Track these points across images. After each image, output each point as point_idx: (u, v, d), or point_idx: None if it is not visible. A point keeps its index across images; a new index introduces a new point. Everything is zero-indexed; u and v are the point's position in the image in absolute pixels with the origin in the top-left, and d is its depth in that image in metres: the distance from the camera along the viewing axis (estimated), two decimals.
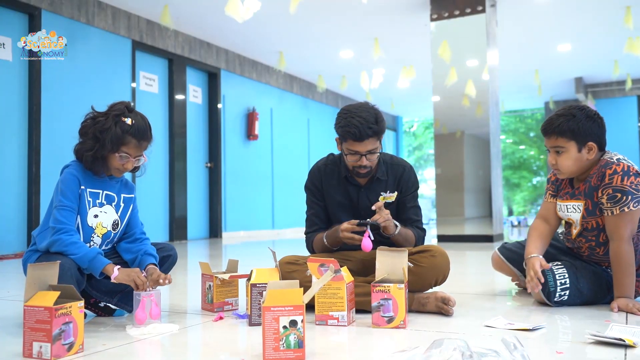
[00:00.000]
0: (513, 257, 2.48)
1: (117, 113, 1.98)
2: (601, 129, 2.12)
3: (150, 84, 6.86)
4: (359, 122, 2.07)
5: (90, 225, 1.99)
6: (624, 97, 10.91)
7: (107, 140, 1.94)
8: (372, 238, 2.03)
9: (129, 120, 1.97)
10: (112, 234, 2.06)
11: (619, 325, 1.74)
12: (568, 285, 2.13)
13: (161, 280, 1.93)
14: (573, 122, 2.08)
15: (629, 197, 2.00)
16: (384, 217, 2.06)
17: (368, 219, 2.07)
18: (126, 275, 1.86)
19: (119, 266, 1.89)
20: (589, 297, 2.15)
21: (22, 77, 5.36)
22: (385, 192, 2.25)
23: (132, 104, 2.06)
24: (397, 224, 2.14)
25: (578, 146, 2.09)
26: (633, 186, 2.01)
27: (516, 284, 2.69)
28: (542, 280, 2.08)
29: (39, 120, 5.38)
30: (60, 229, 1.89)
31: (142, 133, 2.00)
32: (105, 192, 2.05)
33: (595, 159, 2.12)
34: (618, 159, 2.06)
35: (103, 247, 2.06)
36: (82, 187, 1.97)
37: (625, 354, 1.47)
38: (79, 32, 5.85)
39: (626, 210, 2.01)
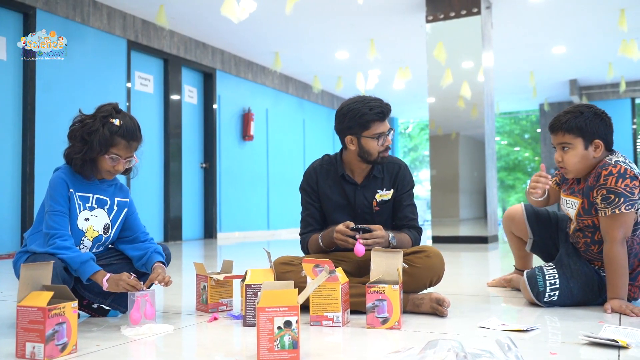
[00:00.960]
0: (533, 216, 2.48)
1: (105, 114, 1.97)
2: (608, 127, 2.13)
3: (145, 84, 6.84)
4: (377, 103, 2.17)
5: (80, 228, 1.98)
6: (618, 99, 10.97)
7: (95, 142, 1.94)
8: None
9: (117, 121, 1.96)
10: (104, 238, 2.05)
11: (612, 326, 1.75)
12: (558, 286, 2.14)
13: (159, 277, 1.93)
14: (580, 119, 2.10)
15: (622, 200, 2.01)
16: (375, 237, 2.04)
17: (360, 225, 2.07)
18: (115, 285, 1.85)
19: (107, 276, 1.87)
20: (579, 298, 2.16)
21: (16, 76, 5.34)
22: (382, 190, 2.26)
23: (126, 104, 2.06)
24: (392, 238, 2.12)
25: (585, 143, 2.10)
26: (628, 189, 2.01)
27: (491, 284, 2.78)
28: (549, 177, 2.19)
29: (33, 120, 5.36)
30: (54, 234, 1.89)
31: (131, 133, 1.99)
32: (96, 195, 2.04)
33: (602, 157, 2.13)
34: (617, 161, 2.06)
35: (94, 250, 2.05)
36: (71, 190, 1.97)
37: (619, 355, 1.47)
38: (74, 31, 5.83)
39: (617, 212, 2.01)
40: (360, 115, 2.14)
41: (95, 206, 2.03)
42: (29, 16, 5.38)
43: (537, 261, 2.68)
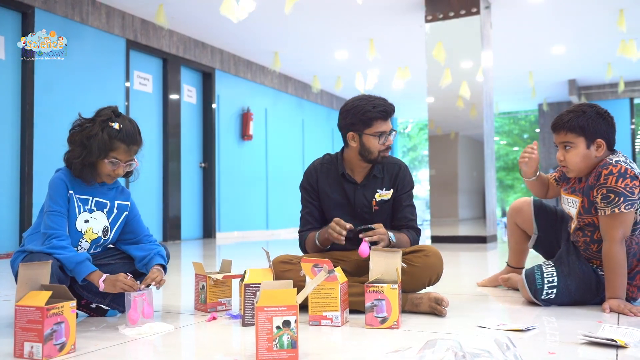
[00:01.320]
0: (540, 210, 2.49)
1: (104, 118, 1.96)
2: (611, 127, 2.14)
3: (144, 84, 6.83)
4: (381, 102, 2.18)
5: (79, 230, 1.98)
6: (617, 99, 10.97)
7: (95, 146, 1.93)
8: (370, 244, 2.03)
9: (116, 125, 1.95)
10: (102, 240, 2.05)
11: (610, 325, 1.75)
12: (556, 284, 2.14)
13: (151, 277, 1.94)
14: (583, 118, 2.10)
15: (621, 199, 2.01)
16: (379, 234, 2.06)
17: (361, 225, 2.07)
18: (112, 286, 1.85)
19: (104, 277, 1.86)
20: (577, 296, 2.16)
21: (15, 76, 5.33)
22: (382, 190, 2.26)
23: (125, 103, 2.06)
24: (392, 236, 2.13)
25: (587, 142, 2.11)
26: (628, 189, 2.01)
27: (481, 284, 2.77)
28: (535, 149, 2.30)
29: (31, 119, 5.35)
30: (52, 234, 1.89)
31: (130, 137, 1.98)
32: (95, 198, 2.04)
33: (603, 157, 2.13)
34: (617, 161, 2.06)
35: (91, 251, 2.05)
36: (70, 191, 1.97)
37: (617, 355, 1.48)
38: (73, 31, 5.82)
39: (617, 211, 2.02)
40: (363, 112, 2.16)
41: (95, 209, 2.03)
42: (28, 15, 5.38)
43: (530, 260, 2.68)
